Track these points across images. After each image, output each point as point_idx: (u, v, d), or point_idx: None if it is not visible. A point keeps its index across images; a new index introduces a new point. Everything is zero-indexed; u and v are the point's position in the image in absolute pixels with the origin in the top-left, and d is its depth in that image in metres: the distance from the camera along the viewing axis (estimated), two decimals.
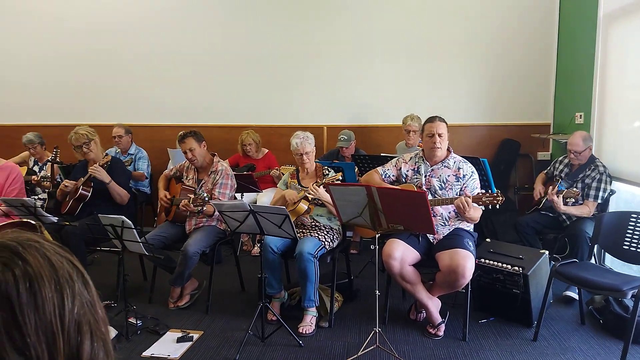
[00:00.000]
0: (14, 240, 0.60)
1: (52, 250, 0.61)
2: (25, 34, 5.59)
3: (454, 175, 3.05)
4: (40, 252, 0.60)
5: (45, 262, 0.59)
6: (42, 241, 0.62)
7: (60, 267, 0.60)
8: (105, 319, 0.64)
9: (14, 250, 0.58)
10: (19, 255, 0.58)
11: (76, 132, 3.65)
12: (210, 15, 5.38)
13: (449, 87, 5.18)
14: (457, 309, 3.32)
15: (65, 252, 0.63)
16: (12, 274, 0.57)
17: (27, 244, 0.60)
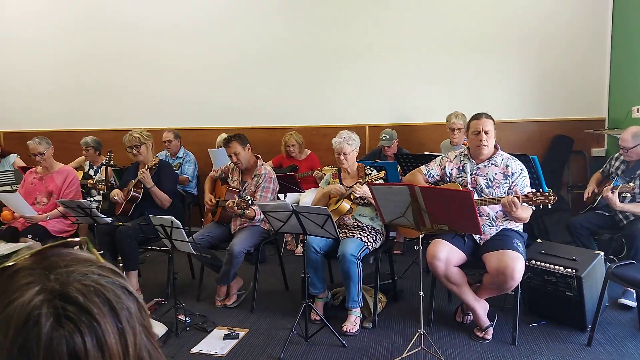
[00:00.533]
0: (68, 284, 0.56)
1: (110, 285, 0.58)
2: (80, 40, 5.89)
3: (501, 173, 2.96)
4: (101, 296, 0.57)
5: (107, 308, 0.56)
6: (95, 273, 0.59)
7: (121, 307, 0.58)
8: (157, 339, 0.63)
9: (77, 303, 0.55)
10: (83, 309, 0.55)
11: (130, 134, 3.81)
12: (252, 18, 5.47)
13: (496, 83, 5.01)
14: (506, 312, 3.22)
15: (117, 276, 0.61)
16: (80, 334, 0.53)
17: (87, 290, 0.56)
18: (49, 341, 0.52)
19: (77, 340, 0.53)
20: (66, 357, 0.52)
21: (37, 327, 0.52)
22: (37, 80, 6.04)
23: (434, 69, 5.11)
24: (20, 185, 4.10)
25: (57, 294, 0.55)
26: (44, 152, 3.88)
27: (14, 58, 6.07)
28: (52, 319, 0.53)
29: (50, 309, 0.53)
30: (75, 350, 0.53)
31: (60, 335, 0.53)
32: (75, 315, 0.54)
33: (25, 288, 0.55)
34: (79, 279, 0.57)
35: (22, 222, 3.78)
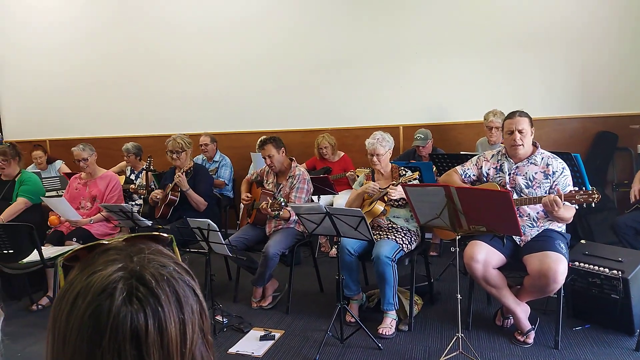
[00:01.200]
0: (146, 268, 0.62)
1: (181, 281, 0.64)
2: (123, 48, 6.10)
3: (542, 172, 2.86)
4: (171, 287, 0.62)
5: (174, 298, 0.62)
6: (172, 267, 0.64)
7: (186, 302, 0.63)
8: (212, 344, 0.67)
9: (149, 286, 0.61)
10: (153, 293, 0.60)
11: (174, 140, 3.93)
12: (284, 24, 5.52)
13: (535, 79, 4.85)
14: (549, 315, 3.11)
15: (189, 276, 0.66)
16: (144, 314, 0.58)
17: (160, 277, 0.62)
18: (117, 313, 0.58)
19: (140, 319, 0.58)
20: (129, 333, 0.58)
21: (110, 299, 0.59)
22: (79, 90, 6.30)
23: (469, 66, 5.01)
24: (66, 190, 4.29)
25: (135, 274, 0.61)
26: (87, 158, 4.04)
27: (57, 71, 6.35)
28: (125, 294, 0.59)
29: (126, 286, 0.60)
30: (138, 328, 0.58)
31: (128, 310, 0.58)
32: (144, 297, 0.59)
33: (110, 263, 0.62)
34: (156, 267, 0.63)
35: (67, 226, 3.95)
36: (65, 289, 0.63)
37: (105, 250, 0.66)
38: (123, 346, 0.58)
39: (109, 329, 0.58)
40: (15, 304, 3.87)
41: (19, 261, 3.45)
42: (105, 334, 0.58)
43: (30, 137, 6.39)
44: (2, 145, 4.20)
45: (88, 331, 0.58)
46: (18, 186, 4.08)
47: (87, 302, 0.59)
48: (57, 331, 0.61)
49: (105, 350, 0.57)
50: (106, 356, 0.58)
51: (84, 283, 0.61)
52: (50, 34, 6.32)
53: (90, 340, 0.58)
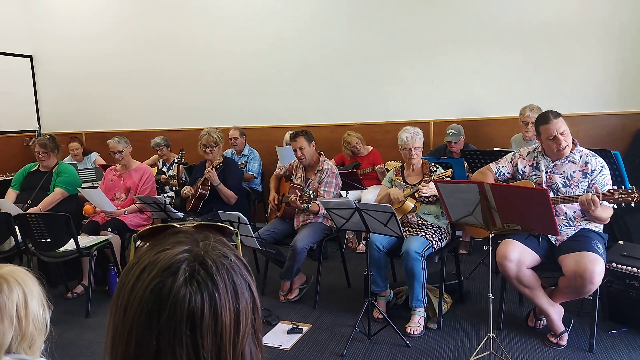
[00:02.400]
0: (209, 255, 0.65)
1: (240, 274, 0.67)
2: (156, 44, 6.21)
3: (580, 171, 2.77)
4: (229, 276, 0.65)
5: (231, 287, 0.64)
6: (232, 259, 0.67)
7: (241, 294, 0.65)
8: (262, 343, 0.69)
9: (209, 272, 0.63)
10: (212, 278, 0.63)
11: (209, 134, 3.98)
12: (313, 17, 5.50)
13: (572, 74, 4.69)
14: (583, 317, 3.03)
15: (246, 271, 0.68)
16: (202, 297, 0.61)
17: (221, 265, 0.65)
18: (177, 292, 0.61)
19: (197, 301, 0.61)
20: (185, 312, 0.61)
21: (173, 277, 0.62)
22: (113, 84, 6.45)
23: (502, 61, 4.88)
24: (101, 182, 4.41)
25: (198, 258, 0.64)
26: (122, 150, 4.14)
27: (92, 63, 6.52)
28: (187, 275, 0.62)
29: (189, 267, 0.63)
30: (194, 310, 0.61)
31: (187, 291, 0.61)
32: (203, 280, 0.63)
33: (178, 244, 0.66)
34: (219, 255, 0.66)
35: (102, 216, 4.06)
36: (133, 262, 0.67)
37: (176, 232, 0.70)
38: (179, 325, 0.60)
39: (168, 306, 0.60)
40: (51, 291, 3.99)
41: (56, 250, 3.57)
42: (164, 311, 0.61)
43: (67, 129, 6.59)
44: (42, 137, 4.34)
45: (148, 305, 0.61)
46: (55, 177, 4.21)
47: (151, 276, 0.62)
48: (120, 301, 0.64)
49: (162, 326, 0.60)
50: (163, 332, 0.60)
51: (151, 259, 0.65)
52: (84, 25, 6.47)
53: (149, 314, 0.61)
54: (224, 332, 0.62)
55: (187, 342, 0.60)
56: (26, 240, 3.62)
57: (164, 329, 0.60)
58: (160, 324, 0.60)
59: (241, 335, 0.63)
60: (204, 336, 0.61)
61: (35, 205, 4.04)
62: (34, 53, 6.81)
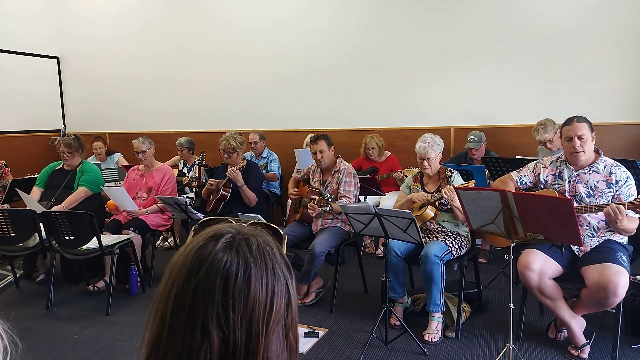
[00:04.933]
0: (254, 235, 0.72)
1: (278, 265, 0.71)
2: (179, 48, 6.31)
3: (604, 181, 2.72)
4: (268, 260, 0.70)
5: (270, 268, 0.69)
6: (275, 251, 0.72)
7: (277, 280, 0.69)
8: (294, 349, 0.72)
9: (249, 246, 0.70)
10: (251, 252, 0.69)
11: (227, 140, 4.01)
12: (335, 22, 5.53)
13: (596, 82, 4.62)
14: (606, 330, 2.97)
15: (287, 269, 0.72)
16: (237, 263, 0.67)
17: (263, 248, 0.70)
18: (216, 254, 0.68)
19: (233, 265, 0.68)
20: (221, 272, 0.67)
21: (215, 242, 0.70)
22: (137, 86, 6.57)
23: (524, 68, 4.84)
24: (124, 181, 4.48)
25: (243, 234, 0.72)
26: (146, 150, 4.21)
27: (117, 65, 6.65)
28: (228, 242, 0.70)
29: (231, 237, 0.71)
30: (229, 271, 0.67)
31: (225, 254, 0.68)
32: (242, 251, 0.69)
33: (227, 225, 0.74)
34: (263, 240, 0.72)
35: (124, 215, 4.13)
36: (187, 242, 0.75)
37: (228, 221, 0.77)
38: (214, 283, 0.66)
39: (207, 264, 0.68)
40: (73, 288, 4.09)
41: (79, 247, 3.64)
42: (202, 268, 0.68)
43: (91, 130, 6.72)
44: (67, 137, 4.44)
45: (191, 262, 0.69)
46: (79, 176, 4.29)
47: (196, 242, 0.71)
48: (170, 265, 0.72)
49: (199, 281, 0.67)
50: (199, 287, 0.67)
51: (200, 234, 0.73)
52: (110, 28, 6.62)
53: (189, 270, 0.68)
54: (257, 305, 0.66)
55: (218, 301, 0.65)
56: (50, 238, 3.70)
57: (199, 284, 0.66)
58: (197, 279, 0.67)
59: (274, 317, 0.67)
60: (235, 299, 0.65)
61: (58, 203, 4.13)
62: (61, 54, 6.98)
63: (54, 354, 2.98)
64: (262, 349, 0.65)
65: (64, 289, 4.04)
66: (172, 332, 0.67)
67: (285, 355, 0.69)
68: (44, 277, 4.22)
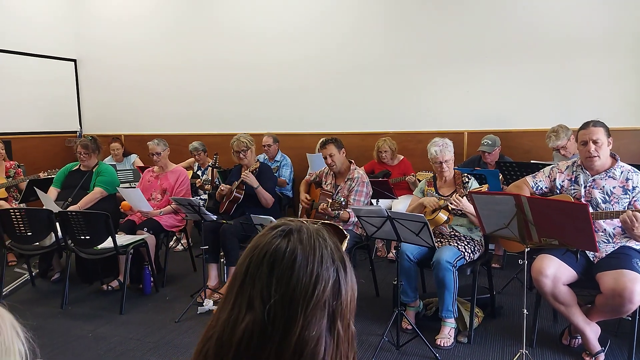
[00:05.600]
0: (310, 230, 0.77)
1: (334, 252, 0.76)
2: (194, 51, 6.38)
3: (620, 187, 2.69)
4: (319, 246, 0.75)
5: (318, 255, 0.74)
6: (328, 242, 0.77)
7: (326, 269, 0.73)
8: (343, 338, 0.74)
9: (301, 235, 0.76)
10: (301, 239, 0.75)
11: (238, 139, 4.06)
12: (349, 27, 5.55)
13: (613, 86, 4.57)
14: (621, 338, 2.92)
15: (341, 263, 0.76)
16: (286, 245, 0.74)
17: (315, 238, 0.76)
18: (271, 238, 0.76)
19: (281, 246, 0.75)
20: (269, 255, 0.74)
21: (272, 233, 0.78)
22: (152, 89, 6.65)
23: (539, 71, 4.80)
24: (139, 182, 4.54)
25: (298, 227, 0.78)
26: (160, 152, 4.26)
27: (133, 68, 6.74)
28: (283, 231, 0.77)
29: (287, 229, 0.78)
30: (276, 250, 0.74)
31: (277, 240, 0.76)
32: (293, 236, 0.76)
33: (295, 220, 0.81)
34: (318, 232, 0.78)
35: (139, 216, 4.18)
36: None
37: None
38: (262, 262, 0.74)
39: (260, 245, 0.76)
40: (87, 287, 4.14)
41: (94, 247, 3.69)
42: (257, 249, 0.76)
43: (107, 131, 6.81)
44: (84, 138, 4.51)
45: (251, 245, 0.78)
46: (95, 177, 4.35)
47: (259, 234, 0.79)
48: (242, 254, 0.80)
49: (252, 261, 0.75)
50: (251, 264, 0.75)
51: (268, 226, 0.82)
52: (127, 32, 6.72)
53: (249, 250, 0.78)
54: (299, 286, 0.70)
55: (264, 279, 0.72)
56: (66, 237, 3.76)
57: (252, 263, 0.75)
58: (251, 259, 0.75)
59: (315, 300, 0.70)
60: (279, 279, 0.71)
61: (75, 203, 4.19)
62: (78, 57, 7.09)
63: (69, 352, 3.02)
64: (300, 327, 0.69)
65: (78, 288, 4.10)
66: (226, 302, 0.76)
67: (330, 343, 0.71)
68: (59, 276, 4.28)
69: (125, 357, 2.95)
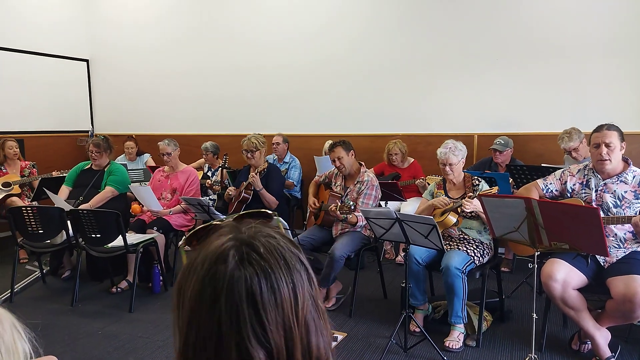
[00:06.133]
0: (254, 237, 0.68)
1: (287, 248, 0.69)
2: (205, 52, 6.42)
3: (632, 191, 2.66)
4: (279, 253, 0.67)
5: (282, 262, 0.67)
6: (278, 237, 0.70)
7: (294, 267, 0.68)
8: (324, 311, 0.71)
9: (258, 251, 0.66)
10: (263, 257, 0.66)
11: (249, 139, 4.09)
12: (360, 27, 5.55)
13: (626, 89, 4.52)
14: (632, 344, 2.89)
15: (294, 247, 0.71)
16: (257, 275, 0.64)
17: (268, 244, 0.68)
18: (231, 275, 0.64)
19: (254, 280, 0.64)
20: (244, 294, 0.63)
21: (224, 264, 0.65)
22: (164, 90, 6.70)
23: (551, 74, 4.76)
24: (149, 181, 4.58)
25: (245, 242, 0.67)
26: (171, 152, 4.30)
27: (144, 69, 6.79)
28: (237, 259, 0.65)
29: (237, 252, 0.66)
30: (252, 290, 0.64)
31: (241, 273, 0.64)
32: (255, 261, 0.65)
33: (222, 235, 0.70)
34: (264, 235, 0.69)
35: (149, 215, 4.21)
36: (187, 264, 0.71)
37: (217, 228, 0.74)
38: (240, 305, 0.63)
39: (224, 290, 0.63)
40: (97, 285, 4.18)
41: (105, 245, 3.73)
42: (221, 295, 0.63)
43: (119, 131, 6.87)
44: (96, 137, 4.56)
45: (207, 292, 0.64)
46: (107, 176, 4.40)
47: (204, 268, 0.66)
48: (182, 299, 0.68)
49: (222, 310, 0.63)
50: (224, 316, 0.63)
51: (201, 255, 0.68)
52: (139, 32, 6.77)
53: (210, 300, 0.64)
54: (285, 304, 0.64)
55: (251, 320, 0.63)
56: (77, 235, 3.80)
57: (223, 313, 0.63)
58: (219, 308, 0.63)
59: (301, 304, 0.66)
60: (267, 310, 0.63)
61: (86, 202, 4.23)
62: (90, 57, 7.17)
63: (78, 349, 3.05)
64: (299, 337, 0.65)
65: (88, 286, 4.14)
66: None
67: (319, 319, 0.69)
68: (69, 273, 4.33)
69: (134, 354, 2.97)
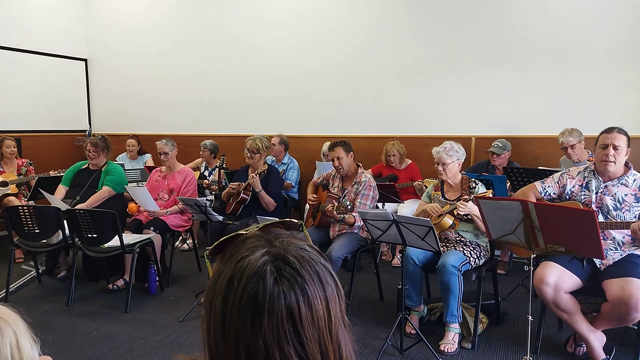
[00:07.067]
0: (287, 251, 0.68)
1: (319, 262, 0.69)
2: (204, 55, 6.42)
3: (632, 195, 2.67)
4: (312, 267, 0.67)
5: (316, 277, 0.67)
6: (309, 249, 0.70)
7: (326, 281, 0.68)
8: (349, 324, 0.71)
9: (293, 267, 0.66)
10: (298, 272, 0.66)
11: (254, 140, 4.09)
12: (361, 31, 5.56)
13: (624, 93, 4.53)
14: (627, 347, 2.89)
15: (323, 258, 0.71)
16: (294, 292, 0.64)
17: (301, 259, 0.67)
18: (271, 293, 0.64)
19: (292, 297, 0.64)
20: (284, 310, 0.64)
21: (263, 281, 0.64)
22: (162, 90, 6.69)
23: (549, 78, 4.78)
24: (147, 182, 4.57)
25: (279, 257, 0.67)
26: (168, 152, 4.29)
27: (141, 71, 6.79)
28: (275, 276, 0.65)
29: (273, 267, 0.65)
30: (291, 306, 0.64)
31: (280, 290, 0.64)
32: (291, 276, 0.65)
33: (255, 249, 0.68)
34: (296, 249, 0.69)
35: (145, 215, 4.20)
36: (215, 277, 0.69)
37: (245, 239, 0.72)
38: (281, 323, 0.63)
39: (267, 308, 0.63)
40: (93, 285, 4.17)
41: (101, 245, 3.72)
42: (264, 313, 0.63)
43: (116, 131, 6.86)
44: (94, 137, 4.55)
45: (248, 312, 0.64)
46: (104, 176, 4.38)
47: (242, 285, 0.65)
48: (214, 317, 0.67)
49: (266, 329, 0.63)
50: (267, 334, 0.63)
51: (234, 269, 0.67)
52: (138, 32, 6.76)
53: (252, 320, 0.63)
54: (320, 321, 0.65)
55: (291, 338, 0.63)
56: (73, 235, 3.79)
57: (267, 331, 0.63)
58: (263, 327, 0.63)
59: (334, 320, 0.66)
60: (304, 327, 0.64)
61: (83, 201, 4.22)
62: (89, 57, 7.16)
63: (74, 349, 3.04)
64: (332, 352, 0.65)
65: (84, 286, 4.12)
66: None
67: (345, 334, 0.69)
68: (65, 273, 4.31)
69: (130, 355, 2.97)
